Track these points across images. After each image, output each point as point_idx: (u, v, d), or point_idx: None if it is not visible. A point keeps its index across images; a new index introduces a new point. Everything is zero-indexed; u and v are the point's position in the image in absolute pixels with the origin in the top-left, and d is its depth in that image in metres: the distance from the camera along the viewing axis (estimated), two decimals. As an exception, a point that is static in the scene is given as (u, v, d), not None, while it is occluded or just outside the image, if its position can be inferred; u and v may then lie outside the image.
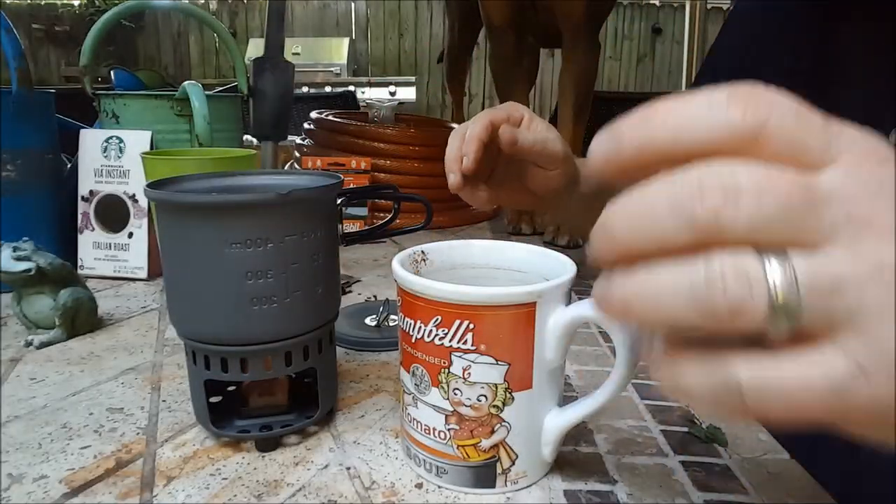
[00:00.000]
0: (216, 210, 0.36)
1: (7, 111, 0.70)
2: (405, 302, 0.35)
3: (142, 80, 1.21)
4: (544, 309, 0.34)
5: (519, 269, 0.42)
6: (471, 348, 0.33)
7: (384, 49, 4.65)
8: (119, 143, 0.76)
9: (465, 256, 0.42)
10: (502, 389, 0.34)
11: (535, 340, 0.34)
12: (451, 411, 0.35)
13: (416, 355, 0.35)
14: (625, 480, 0.38)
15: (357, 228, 0.97)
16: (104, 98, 0.80)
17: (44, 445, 0.41)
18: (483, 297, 0.33)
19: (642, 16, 4.74)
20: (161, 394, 0.48)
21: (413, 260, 0.40)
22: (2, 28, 0.69)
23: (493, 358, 0.33)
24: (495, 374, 0.34)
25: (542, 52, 1.81)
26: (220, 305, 0.38)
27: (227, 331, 0.38)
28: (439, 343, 0.34)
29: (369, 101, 1.47)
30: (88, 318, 0.59)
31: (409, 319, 0.35)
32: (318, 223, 0.40)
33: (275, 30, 0.62)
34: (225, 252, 0.36)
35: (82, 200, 0.77)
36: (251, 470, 0.39)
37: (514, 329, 0.33)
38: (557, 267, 0.38)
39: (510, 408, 0.34)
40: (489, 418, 0.35)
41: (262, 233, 0.37)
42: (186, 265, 0.38)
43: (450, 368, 0.34)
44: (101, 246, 0.76)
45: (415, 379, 0.36)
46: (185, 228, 0.38)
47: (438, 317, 0.33)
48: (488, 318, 0.33)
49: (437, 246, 0.41)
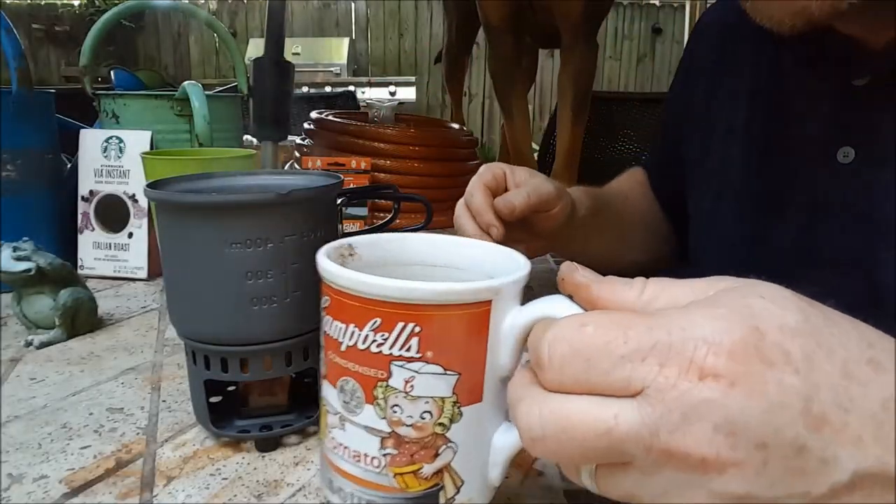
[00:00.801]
0: (216, 210, 0.36)
1: (7, 111, 0.70)
2: (334, 302, 0.30)
3: (142, 80, 1.21)
4: (500, 308, 0.29)
5: (457, 267, 0.37)
6: (415, 356, 0.28)
7: (384, 49, 4.65)
8: (119, 143, 0.76)
9: (398, 251, 0.37)
10: (450, 404, 0.29)
11: (488, 345, 0.29)
12: (388, 433, 0.29)
13: (345, 366, 0.29)
14: (624, 480, 0.38)
15: (357, 228, 0.97)
16: (104, 98, 0.81)
17: (44, 445, 0.41)
18: (433, 295, 0.27)
19: (642, 16, 4.74)
20: (161, 394, 0.48)
21: (339, 254, 0.34)
22: (2, 28, 0.69)
23: (441, 367, 0.28)
24: (443, 386, 0.28)
25: (541, 51, 1.81)
26: (220, 305, 0.38)
27: (226, 330, 0.38)
28: (377, 351, 0.28)
29: (369, 101, 1.47)
30: (88, 318, 0.59)
31: (339, 323, 0.29)
32: (318, 223, 0.40)
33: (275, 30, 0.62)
34: (225, 252, 0.36)
35: (82, 200, 0.77)
36: (251, 470, 0.39)
37: (467, 332, 0.29)
38: (506, 263, 0.34)
39: (458, 425, 0.29)
40: (433, 439, 0.29)
41: (262, 233, 0.37)
42: (186, 265, 0.38)
43: (388, 381, 0.28)
44: (101, 246, 0.76)
45: (343, 395, 0.30)
46: (185, 228, 0.38)
47: (377, 319, 0.28)
48: (438, 319, 0.28)
49: (366, 239, 0.36)
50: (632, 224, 0.67)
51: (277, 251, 0.37)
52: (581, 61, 1.07)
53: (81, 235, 0.77)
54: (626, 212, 0.67)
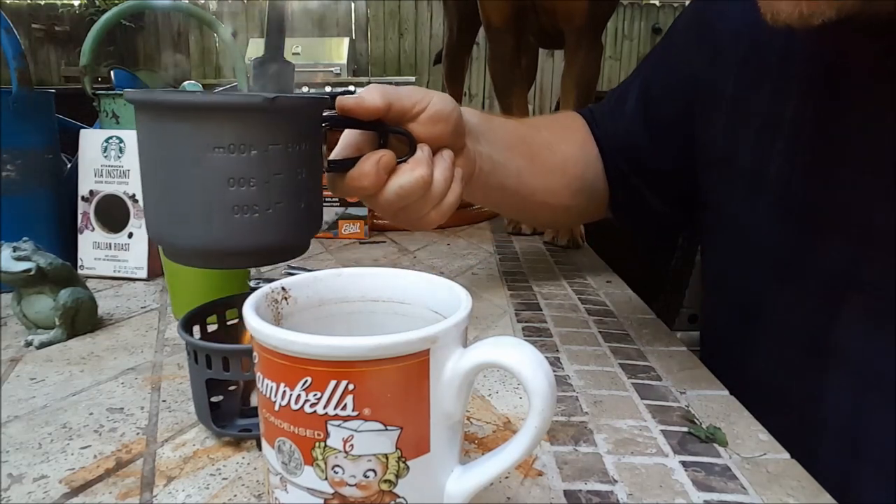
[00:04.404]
0: (201, 111, 0.36)
1: (7, 111, 0.70)
2: (263, 360, 0.28)
3: (142, 80, 1.21)
4: (439, 356, 0.27)
5: (401, 301, 0.35)
6: (352, 414, 0.26)
7: (384, 49, 4.65)
8: (119, 143, 0.76)
9: (336, 289, 0.35)
10: (394, 459, 0.27)
11: (430, 395, 0.28)
12: (331, 493, 0.27)
13: (281, 427, 0.28)
14: (625, 480, 0.38)
15: (357, 229, 0.97)
16: (104, 98, 0.81)
17: (44, 445, 0.41)
18: (363, 351, 0.26)
19: (642, 16, 4.74)
20: (161, 394, 0.48)
21: (272, 300, 0.32)
22: (2, 28, 0.69)
23: (380, 423, 0.27)
24: (385, 442, 0.27)
25: (541, 51, 1.81)
26: (200, 211, 0.37)
27: (206, 239, 0.37)
28: (311, 411, 0.26)
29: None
30: (88, 318, 0.59)
31: (270, 382, 0.28)
32: (302, 136, 0.39)
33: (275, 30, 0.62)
34: (207, 156, 0.36)
35: (82, 200, 0.77)
36: (251, 470, 0.39)
37: (405, 385, 0.27)
38: (448, 298, 0.32)
39: (405, 480, 0.28)
40: (380, 496, 0.28)
41: (246, 138, 0.36)
42: (166, 169, 0.37)
43: (326, 441, 0.27)
44: (101, 246, 0.76)
45: (282, 456, 0.28)
46: (166, 130, 0.36)
47: (307, 378, 0.26)
48: (371, 375, 0.26)
49: (300, 280, 0.34)
50: (552, 169, 0.65)
51: (262, 159, 0.37)
52: (585, 63, 1.07)
53: (81, 235, 0.77)
54: (544, 154, 0.65)
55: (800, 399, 0.51)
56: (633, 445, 0.42)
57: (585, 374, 0.52)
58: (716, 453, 0.41)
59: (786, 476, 0.39)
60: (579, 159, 0.68)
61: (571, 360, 0.54)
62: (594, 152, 0.68)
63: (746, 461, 0.40)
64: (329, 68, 4.01)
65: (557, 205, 0.67)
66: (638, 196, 0.68)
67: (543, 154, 0.65)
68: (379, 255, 0.88)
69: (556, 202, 0.67)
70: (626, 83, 0.71)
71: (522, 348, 0.27)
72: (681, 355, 0.56)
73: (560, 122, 0.72)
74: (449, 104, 0.50)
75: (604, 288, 0.74)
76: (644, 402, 0.47)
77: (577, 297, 0.71)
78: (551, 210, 0.68)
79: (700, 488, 0.37)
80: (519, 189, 0.62)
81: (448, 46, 1.83)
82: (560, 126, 0.71)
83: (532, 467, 0.39)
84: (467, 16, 1.61)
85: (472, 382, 0.29)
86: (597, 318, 0.64)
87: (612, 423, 0.44)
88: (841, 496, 0.37)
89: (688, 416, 0.45)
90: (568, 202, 0.67)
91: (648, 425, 0.44)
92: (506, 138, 0.61)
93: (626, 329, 0.62)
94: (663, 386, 0.50)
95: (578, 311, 0.67)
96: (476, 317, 0.63)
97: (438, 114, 0.49)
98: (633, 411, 0.46)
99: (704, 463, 0.40)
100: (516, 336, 0.48)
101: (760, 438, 0.43)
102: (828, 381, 0.48)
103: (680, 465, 0.40)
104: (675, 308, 1.69)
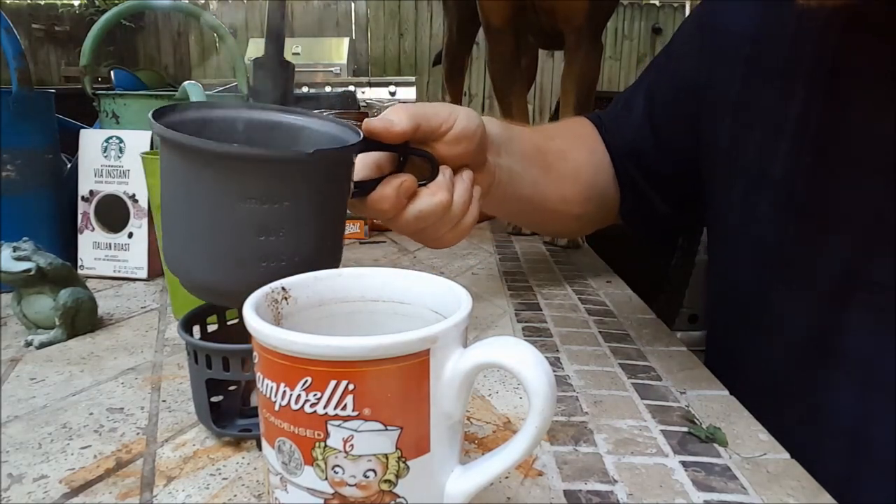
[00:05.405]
0: (237, 161, 0.34)
1: (7, 111, 0.70)
2: (263, 360, 0.28)
3: (142, 80, 1.21)
4: (440, 356, 0.28)
5: (401, 301, 0.35)
6: (352, 414, 0.26)
7: (384, 49, 4.65)
8: (119, 143, 0.76)
9: (336, 289, 0.35)
10: (394, 459, 0.27)
11: (430, 395, 0.28)
12: (331, 494, 0.27)
13: (281, 427, 0.28)
14: (625, 480, 0.38)
15: (357, 229, 0.97)
16: (104, 98, 0.81)
17: (44, 445, 0.41)
18: (363, 351, 0.26)
19: (642, 16, 4.74)
20: (161, 394, 0.48)
21: (272, 300, 0.32)
22: (2, 28, 0.69)
23: (380, 423, 0.27)
24: (385, 442, 0.27)
25: (541, 52, 1.81)
26: (227, 259, 0.36)
27: (227, 282, 0.37)
28: (311, 411, 0.27)
29: (369, 101, 1.47)
30: (88, 318, 0.59)
31: (270, 382, 0.28)
32: (335, 180, 0.39)
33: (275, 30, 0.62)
34: (239, 206, 0.35)
35: (82, 200, 0.77)
36: (251, 470, 0.39)
37: (405, 385, 0.27)
38: (448, 298, 0.32)
39: (405, 480, 0.28)
40: (380, 496, 0.28)
41: (281, 191, 0.35)
42: (193, 208, 0.36)
43: (326, 441, 0.27)
44: (101, 246, 0.76)
45: (282, 456, 0.28)
46: (198, 174, 0.35)
47: (307, 378, 0.26)
48: (371, 375, 0.26)
49: (300, 280, 0.34)
50: (565, 177, 0.65)
51: (294, 210, 0.36)
52: (585, 63, 1.07)
53: (81, 235, 0.77)
54: (558, 163, 0.65)
55: (803, 398, 0.51)
56: (633, 445, 0.42)
57: (585, 374, 0.52)
58: (716, 453, 0.41)
59: (786, 476, 0.39)
60: (591, 166, 0.68)
61: (571, 360, 0.54)
62: (605, 159, 0.69)
63: (746, 461, 0.40)
64: (329, 68, 4.00)
65: (568, 213, 0.67)
66: (647, 201, 0.68)
67: (557, 163, 0.65)
68: (379, 255, 0.88)
69: (566, 210, 0.66)
70: (632, 89, 0.71)
71: (522, 348, 0.27)
72: (681, 355, 0.56)
73: (572, 130, 0.72)
74: (474, 121, 0.50)
75: (604, 288, 0.74)
76: (644, 402, 0.47)
77: (577, 298, 0.71)
78: (562, 218, 0.68)
79: (700, 488, 0.37)
80: (533, 198, 0.62)
81: (448, 46, 1.83)
82: (572, 134, 0.71)
83: (532, 467, 0.39)
84: (467, 16, 1.61)
85: (472, 382, 0.29)
86: (597, 319, 0.64)
87: (612, 423, 0.44)
88: (842, 496, 0.37)
89: (688, 416, 0.45)
90: (579, 210, 0.67)
91: (648, 425, 0.44)
92: (523, 148, 0.61)
93: (626, 329, 0.62)
94: (663, 386, 0.50)
95: (578, 311, 0.67)
96: (476, 317, 0.63)
97: (463, 132, 0.49)
98: (633, 411, 0.46)
99: (704, 463, 0.40)
100: (516, 336, 0.48)
101: (760, 438, 0.43)
102: (831, 381, 0.48)
103: (680, 465, 0.40)
104: (675, 308, 1.69)
